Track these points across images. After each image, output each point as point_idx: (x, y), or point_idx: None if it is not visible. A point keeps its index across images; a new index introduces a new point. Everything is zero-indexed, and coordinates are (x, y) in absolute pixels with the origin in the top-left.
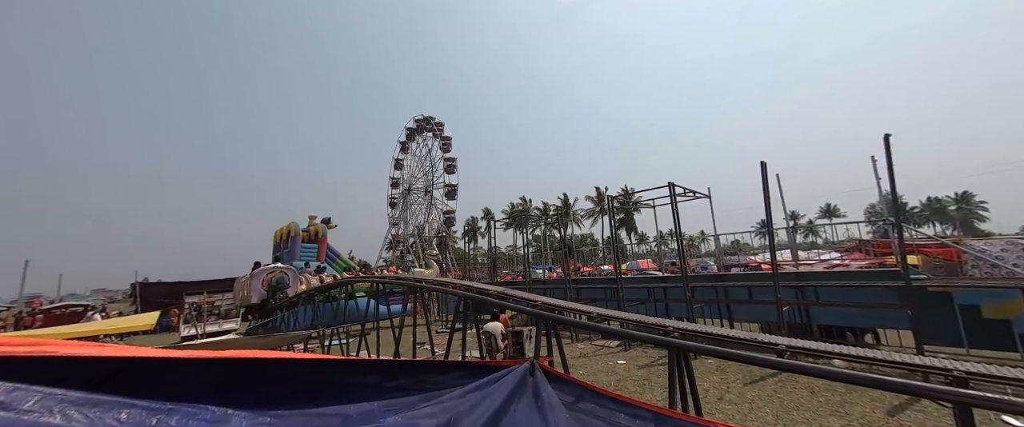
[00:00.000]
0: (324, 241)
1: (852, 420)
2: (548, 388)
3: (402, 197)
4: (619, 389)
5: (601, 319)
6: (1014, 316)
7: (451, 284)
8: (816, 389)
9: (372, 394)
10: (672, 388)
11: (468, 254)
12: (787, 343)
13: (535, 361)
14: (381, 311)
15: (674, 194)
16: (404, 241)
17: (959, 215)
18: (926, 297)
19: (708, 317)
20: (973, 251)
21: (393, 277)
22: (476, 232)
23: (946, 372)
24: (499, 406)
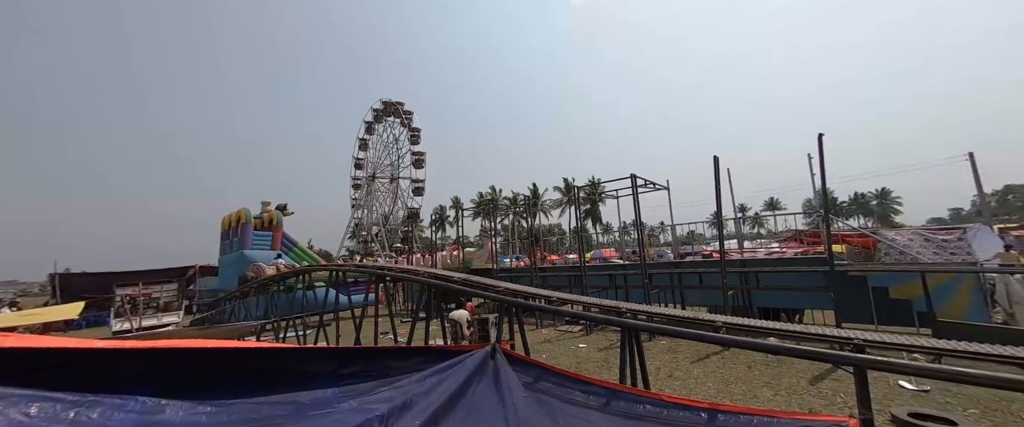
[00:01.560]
0: (279, 229)
1: (780, 390)
2: (508, 370)
3: (367, 183)
4: (579, 370)
5: (561, 304)
6: (914, 296)
7: (414, 272)
8: (752, 364)
9: (327, 381)
10: (623, 365)
11: (435, 243)
12: (723, 321)
13: (496, 345)
14: (342, 301)
15: (636, 186)
16: (368, 229)
17: (878, 209)
18: (846, 281)
19: (664, 302)
20: (885, 240)
21: (353, 265)
22: (445, 221)
23: (848, 341)
24: (457, 388)
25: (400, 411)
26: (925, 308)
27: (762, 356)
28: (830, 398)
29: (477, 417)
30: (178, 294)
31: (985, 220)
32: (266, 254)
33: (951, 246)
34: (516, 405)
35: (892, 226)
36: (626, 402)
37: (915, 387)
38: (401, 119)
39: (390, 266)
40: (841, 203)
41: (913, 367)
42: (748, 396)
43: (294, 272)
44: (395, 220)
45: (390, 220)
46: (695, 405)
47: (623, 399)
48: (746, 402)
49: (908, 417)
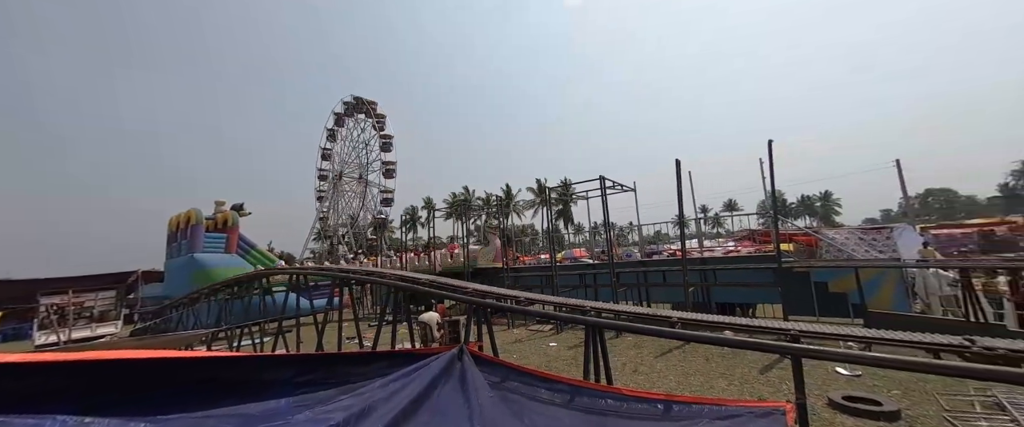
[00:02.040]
0: (235, 230)
1: (734, 380)
2: (475, 371)
3: (333, 185)
4: (548, 368)
5: (529, 304)
6: (849, 289)
7: (381, 274)
8: (710, 357)
9: (282, 391)
10: (587, 361)
11: (406, 244)
12: (679, 317)
13: (464, 346)
14: (303, 306)
15: (604, 187)
16: (335, 231)
17: (822, 210)
18: (792, 277)
19: (631, 300)
20: (826, 239)
21: (315, 268)
22: (416, 221)
23: (786, 332)
24: (421, 391)
25: (358, 418)
26: (858, 300)
27: (718, 349)
28: (777, 386)
29: (441, 419)
30: (117, 302)
31: (909, 220)
32: (220, 258)
33: (880, 244)
34: (482, 405)
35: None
36: (589, 397)
37: (849, 373)
38: (373, 121)
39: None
40: (790, 204)
41: (838, 354)
42: (705, 387)
43: (251, 276)
44: (363, 221)
45: (358, 221)
46: (652, 397)
47: (586, 395)
48: (703, 392)
49: (842, 400)
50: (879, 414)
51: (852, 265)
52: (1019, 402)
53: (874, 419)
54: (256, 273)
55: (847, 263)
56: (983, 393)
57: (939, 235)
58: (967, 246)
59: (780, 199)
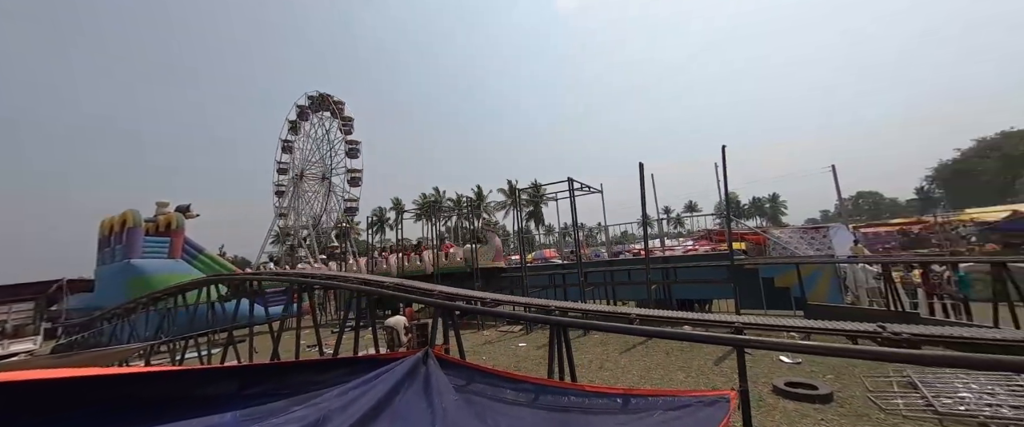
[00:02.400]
0: (180, 233)
1: (692, 372)
2: (440, 374)
3: (293, 184)
4: (517, 368)
5: (496, 305)
6: (791, 284)
7: (343, 278)
8: (670, 351)
9: (228, 405)
10: (551, 360)
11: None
12: (637, 313)
13: (429, 350)
14: (258, 314)
15: (572, 189)
16: (295, 234)
17: (770, 211)
18: (743, 273)
19: (598, 298)
20: (773, 238)
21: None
22: (384, 223)
23: (730, 324)
24: (382, 398)
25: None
26: (800, 294)
27: (678, 344)
28: (729, 375)
29: (402, 425)
30: (36, 315)
31: (842, 220)
32: (162, 263)
33: (818, 242)
34: (445, 409)
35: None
36: (552, 395)
37: (791, 361)
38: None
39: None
40: (743, 206)
41: (773, 343)
42: (665, 379)
43: (198, 282)
44: (327, 222)
45: (322, 222)
46: (612, 392)
47: (550, 393)
48: (663, 385)
49: (784, 386)
50: (815, 397)
51: (793, 262)
52: (928, 381)
53: (811, 402)
54: (204, 279)
55: (789, 260)
56: (900, 374)
57: (867, 234)
58: (890, 243)
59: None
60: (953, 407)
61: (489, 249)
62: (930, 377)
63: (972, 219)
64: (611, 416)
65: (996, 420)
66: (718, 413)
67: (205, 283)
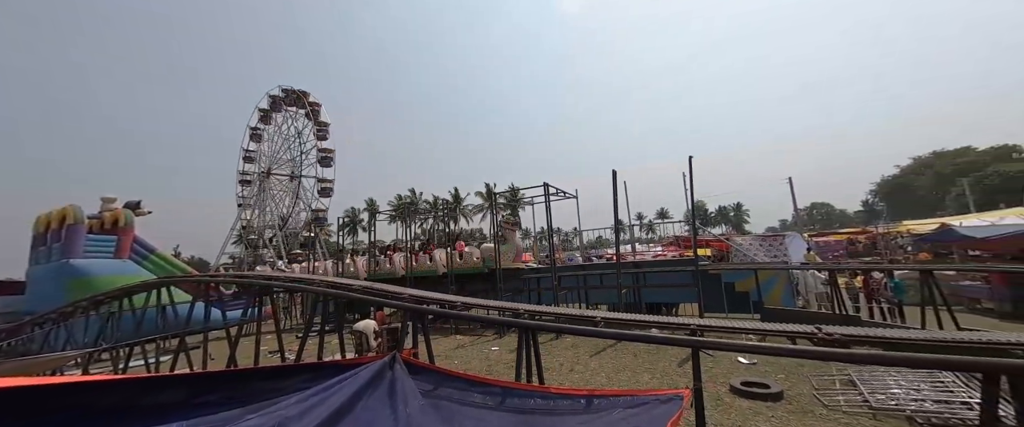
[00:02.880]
0: (129, 232)
1: (657, 373)
2: (406, 379)
3: (259, 180)
4: (489, 372)
5: (467, 309)
6: (750, 288)
7: (309, 281)
8: (637, 353)
9: (174, 415)
10: (519, 363)
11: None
12: (602, 316)
13: (397, 354)
14: (215, 318)
15: (548, 194)
16: (260, 233)
17: (734, 219)
18: (707, 278)
19: (572, 302)
20: (735, 245)
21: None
22: (356, 225)
23: (686, 327)
24: (343, 404)
25: None
26: (757, 297)
27: (645, 346)
28: (692, 376)
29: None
30: None
31: (798, 229)
32: (107, 264)
33: (775, 249)
34: (410, 415)
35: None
36: (519, 398)
37: (747, 361)
38: (306, 108)
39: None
40: (710, 213)
41: (725, 345)
42: (632, 381)
43: (147, 284)
44: (295, 222)
45: (289, 223)
46: (577, 394)
47: (516, 396)
48: (629, 385)
49: (740, 385)
50: (767, 396)
51: (751, 267)
52: (865, 379)
53: (763, 401)
54: (154, 282)
55: (748, 266)
56: (841, 373)
57: (820, 242)
58: (839, 251)
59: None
60: (885, 402)
61: (510, 248)
62: (867, 375)
63: (908, 230)
64: (574, 416)
65: (921, 413)
66: (672, 409)
67: (155, 286)
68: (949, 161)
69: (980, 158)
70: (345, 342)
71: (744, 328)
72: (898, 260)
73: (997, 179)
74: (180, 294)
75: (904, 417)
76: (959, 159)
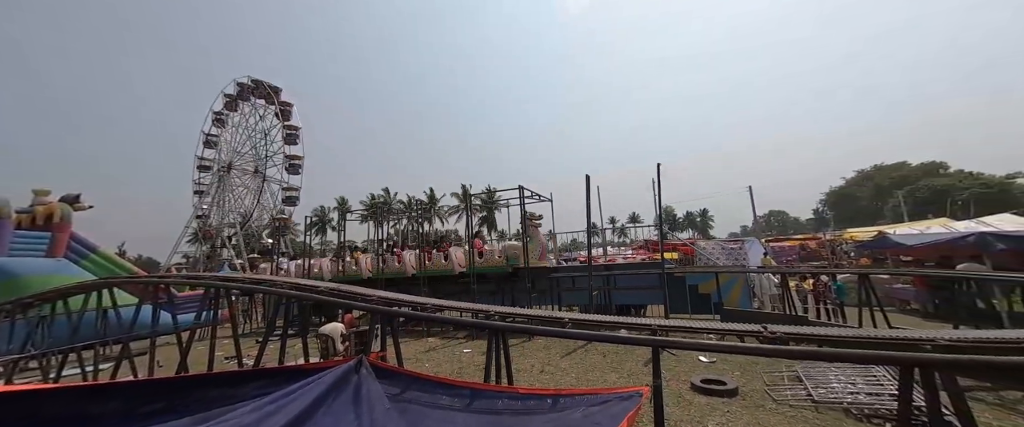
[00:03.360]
0: (65, 228)
1: (623, 372)
2: (372, 383)
3: (218, 178)
4: (460, 374)
5: (437, 311)
6: (712, 291)
7: (269, 282)
8: (606, 354)
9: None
10: (488, 364)
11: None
12: (570, 318)
13: (363, 358)
14: (165, 322)
15: (523, 197)
16: (219, 231)
17: (700, 224)
18: (673, 280)
19: (545, 304)
20: (699, 249)
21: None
22: (326, 224)
23: (648, 327)
24: (302, 411)
25: None
26: (718, 299)
27: (613, 347)
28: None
29: None
30: None
31: (756, 235)
32: (38, 264)
33: (735, 254)
34: (375, 419)
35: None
36: (487, 399)
37: (707, 360)
38: (276, 109)
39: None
40: (678, 219)
41: (683, 344)
42: (600, 380)
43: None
44: (258, 221)
45: (251, 221)
46: (543, 393)
47: (485, 397)
48: (598, 385)
49: (700, 383)
50: (724, 392)
51: (713, 271)
52: (810, 374)
53: (720, 397)
54: (93, 283)
55: (710, 269)
56: (790, 369)
57: (775, 247)
58: (792, 256)
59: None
60: (826, 395)
61: (535, 246)
62: (812, 371)
63: (851, 238)
64: (541, 416)
65: (856, 405)
66: (630, 406)
67: (96, 287)
68: (887, 174)
69: (913, 172)
70: (310, 346)
71: (703, 328)
72: (842, 265)
73: (927, 192)
74: (125, 296)
75: (842, 409)
76: (895, 173)
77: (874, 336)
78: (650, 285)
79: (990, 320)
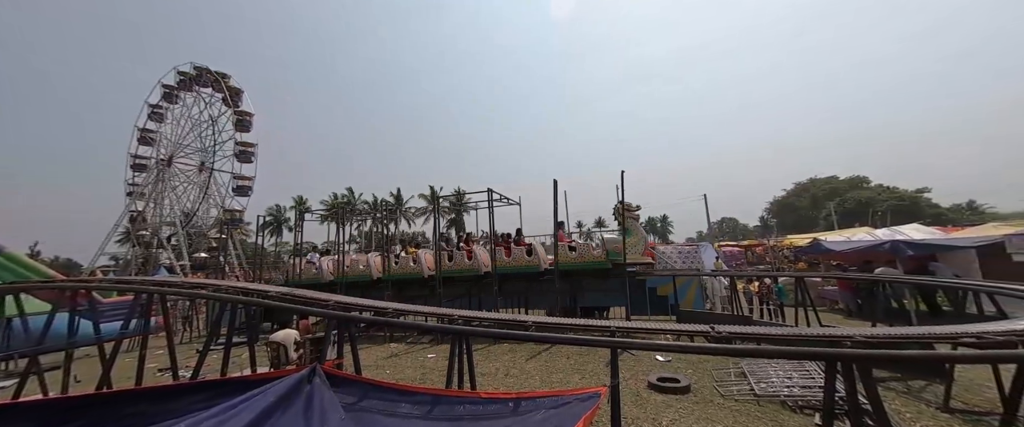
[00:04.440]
0: None
1: (586, 373)
2: (326, 393)
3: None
4: (424, 381)
5: (399, 315)
6: (669, 293)
7: (213, 287)
8: (570, 356)
9: None
10: (450, 369)
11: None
12: (533, 320)
13: (317, 366)
14: (86, 332)
15: (491, 200)
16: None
17: (661, 229)
18: (634, 283)
19: (514, 307)
20: (658, 253)
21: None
22: (282, 224)
23: (606, 328)
24: (246, 425)
25: None
26: (674, 301)
27: (577, 349)
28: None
29: None
30: None
31: (710, 240)
32: None
33: (691, 258)
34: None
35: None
36: (448, 405)
37: (663, 358)
38: (225, 96)
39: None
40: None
41: (637, 345)
42: (563, 382)
43: None
44: (202, 220)
45: (196, 220)
46: (504, 397)
47: (446, 403)
48: (561, 386)
49: (656, 381)
50: (677, 390)
51: (670, 274)
52: (753, 371)
53: (674, 394)
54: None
55: (667, 272)
56: (736, 366)
57: (726, 252)
58: (740, 260)
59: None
60: (767, 389)
61: (638, 240)
62: (754, 367)
63: (791, 243)
64: (501, 420)
65: (791, 397)
66: (588, 406)
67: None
68: (821, 186)
69: (841, 185)
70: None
71: (659, 329)
72: (783, 268)
73: (853, 203)
74: (36, 303)
75: (780, 401)
76: (827, 185)
77: (804, 334)
78: (613, 287)
79: (901, 318)
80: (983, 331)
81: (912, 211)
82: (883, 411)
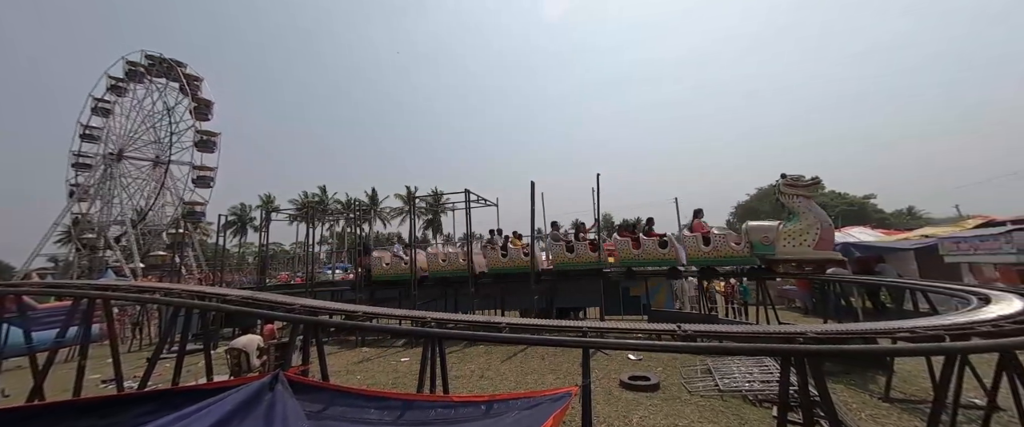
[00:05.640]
0: None
1: (561, 373)
2: (288, 401)
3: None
4: (396, 386)
5: (369, 318)
6: (641, 293)
7: (165, 290)
8: (545, 356)
9: None
10: (422, 373)
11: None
12: (506, 322)
13: (280, 373)
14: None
15: (469, 201)
16: (102, 230)
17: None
18: (609, 284)
19: (491, 308)
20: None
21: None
22: (247, 224)
23: (578, 329)
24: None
25: None
26: (646, 301)
27: (551, 349)
28: (592, 374)
29: None
30: None
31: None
32: None
33: None
34: None
35: None
36: (419, 410)
37: (635, 357)
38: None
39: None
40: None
41: (607, 344)
42: (538, 383)
43: None
44: (158, 217)
45: (150, 217)
46: (477, 400)
47: (417, 407)
48: (536, 387)
49: (628, 380)
50: (647, 387)
51: (643, 274)
52: (718, 367)
53: (644, 392)
54: None
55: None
56: (702, 363)
57: None
58: None
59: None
60: (730, 385)
61: (806, 227)
62: (719, 364)
63: None
64: (473, 423)
65: (751, 392)
66: (558, 406)
67: None
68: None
69: None
70: (218, 362)
71: (631, 328)
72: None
73: None
74: None
75: (741, 396)
76: None
77: (762, 331)
78: (589, 288)
79: (850, 315)
80: (916, 326)
81: (860, 215)
82: (830, 402)
